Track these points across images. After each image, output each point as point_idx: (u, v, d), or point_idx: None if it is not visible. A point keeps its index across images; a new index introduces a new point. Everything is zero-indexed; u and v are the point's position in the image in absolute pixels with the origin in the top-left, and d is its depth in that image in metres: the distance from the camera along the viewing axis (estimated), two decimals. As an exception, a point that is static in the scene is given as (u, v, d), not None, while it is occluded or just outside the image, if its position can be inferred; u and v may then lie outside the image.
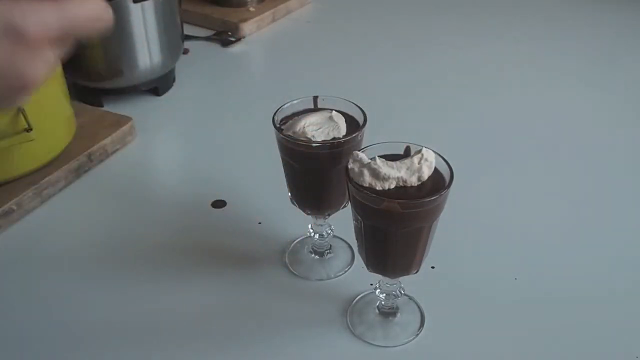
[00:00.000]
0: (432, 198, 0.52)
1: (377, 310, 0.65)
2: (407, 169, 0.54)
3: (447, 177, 0.55)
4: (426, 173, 0.54)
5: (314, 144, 0.59)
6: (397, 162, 0.54)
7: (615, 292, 0.68)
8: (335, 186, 0.63)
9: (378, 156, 0.55)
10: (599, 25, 1.29)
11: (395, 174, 0.53)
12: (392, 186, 0.54)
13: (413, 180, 0.54)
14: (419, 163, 0.54)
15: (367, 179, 0.53)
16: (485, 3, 1.39)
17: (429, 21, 1.32)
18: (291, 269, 0.70)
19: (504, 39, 1.24)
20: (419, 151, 0.55)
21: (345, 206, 0.66)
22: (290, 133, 0.60)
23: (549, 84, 1.09)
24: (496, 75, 1.11)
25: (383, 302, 0.64)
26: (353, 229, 0.59)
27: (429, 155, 0.55)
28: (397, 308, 0.65)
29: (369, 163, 0.54)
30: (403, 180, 0.54)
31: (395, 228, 0.54)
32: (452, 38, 1.24)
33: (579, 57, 1.17)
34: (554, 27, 1.29)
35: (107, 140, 0.88)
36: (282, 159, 0.64)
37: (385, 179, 0.53)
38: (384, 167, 0.53)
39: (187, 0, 1.28)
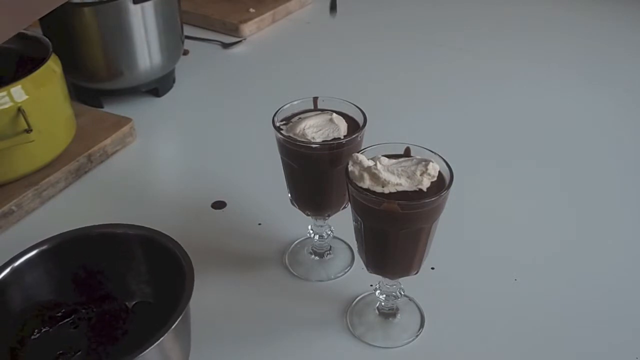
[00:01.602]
0: (432, 199, 0.52)
1: (377, 311, 0.65)
2: (408, 177, 0.54)
3: (447, 178, 0.55)
4: (426, 186, 0.54)
5: (314, 145, 0.60)
6: (399, 168, 0.54)
7: (615, 292, 0.68)
8: (335, 187, 0.63)
9: (382, 155, 0.55)
10: (598, 25, 1.29)
11: (395, 180, 0.53)
12: (391, 191, 0.53)
13: (412, 189, 0.54)
14: (420, 175, 0.54)
15: (367, 183, 0.53)
16: (484, 3, 1.39)
17: (429, 22, 1.32)
18: (291, 270, 0.70)
19: (504, 39, 1.24)
20: (426, 165, 0.54)
21: (345, 207, 0.66)
22: (290, 135, 0.60)
23: (549, 84, 1.08)
24: (496, 76, 1.11)
25: (383, 303, 0.64)
26: (353, 230, 0.59)
27: (433, 170, 0.54)
28: (397, 309, 0.65)
29: (370, 167, 0.54)
30: (402, 187, 0.54)
31: (395, 229, 0.54)
32: (453, 38, 1.24)
33: (578, 57, 1.17)
34: (553, 27, 1.29)
35: (107, 141, 0.88)
36: (282, 160, 0.64)
37: (384, 184, 0.53)
38: (384, 172, 0.53)
39: (187, 1, 1.28)
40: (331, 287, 0.68)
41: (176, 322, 0.48)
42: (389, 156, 0.56)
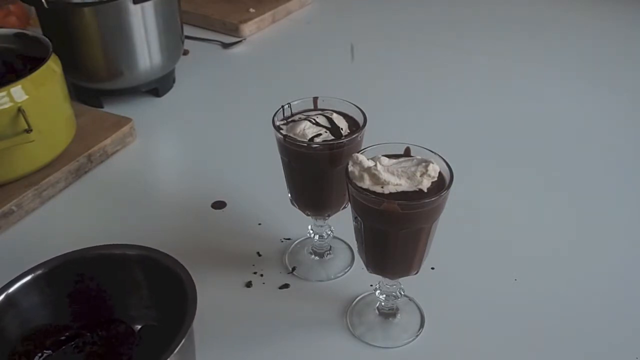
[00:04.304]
0: (432, 199, 0.52)
1: (377, 311, 0.65)
2: (408, 178, 0.54)
3: (447, 178, 0.55)
4: (426, 186, 0.54)
5: (314, 145, 0.60)
6: (399, 169, 0.54)
7: (615, 292, 0.68)
8: (335, 187, 0.63)
9: (382, 155, 0.55)
10: (598, 25, 1.29)
11: (395, 180, 0.53)
12: (391, 191, 0.53)
13: (412, 189, 0.54)
14: (420, 176, 0.54)
15: (367, 183, 0.53)
16: (484, 4, 1.39)
17: (429, 22, 1.32)
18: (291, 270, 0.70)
19: (504, 39, 1.24)
20: (426, 166, 0.54)
21: (345, 207, 0.66)
22: (290, 135, 0.60)
23: (549, 84, 1.08)
24: (497, 76, 1.11)
25: (383, 303, 0.64)
26: (353, 230, 0.59)
27: (433, 171, 0.54)
28: (397, 309, 0.65)
29: (370, 167, 0.54)
30: (402, 187, 0.54)
31: (395, 229, 0.54)
32: (453, 39, 1.24)
33: (580, 57, 1.17)
34: (553, 27, 1.29)
35: (107, 141, 0.88)
36: (282, 160, 0.64)
37: (384, 184, 0.53)
38: (384, 172, 0.53)
39: (187, 1, 1.28)
40: (331, 287, 0.68)
41: (180, 345, 0.46)
42: (389, 156, 0.56)
